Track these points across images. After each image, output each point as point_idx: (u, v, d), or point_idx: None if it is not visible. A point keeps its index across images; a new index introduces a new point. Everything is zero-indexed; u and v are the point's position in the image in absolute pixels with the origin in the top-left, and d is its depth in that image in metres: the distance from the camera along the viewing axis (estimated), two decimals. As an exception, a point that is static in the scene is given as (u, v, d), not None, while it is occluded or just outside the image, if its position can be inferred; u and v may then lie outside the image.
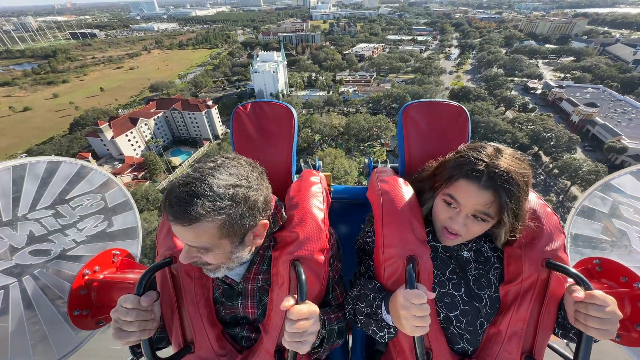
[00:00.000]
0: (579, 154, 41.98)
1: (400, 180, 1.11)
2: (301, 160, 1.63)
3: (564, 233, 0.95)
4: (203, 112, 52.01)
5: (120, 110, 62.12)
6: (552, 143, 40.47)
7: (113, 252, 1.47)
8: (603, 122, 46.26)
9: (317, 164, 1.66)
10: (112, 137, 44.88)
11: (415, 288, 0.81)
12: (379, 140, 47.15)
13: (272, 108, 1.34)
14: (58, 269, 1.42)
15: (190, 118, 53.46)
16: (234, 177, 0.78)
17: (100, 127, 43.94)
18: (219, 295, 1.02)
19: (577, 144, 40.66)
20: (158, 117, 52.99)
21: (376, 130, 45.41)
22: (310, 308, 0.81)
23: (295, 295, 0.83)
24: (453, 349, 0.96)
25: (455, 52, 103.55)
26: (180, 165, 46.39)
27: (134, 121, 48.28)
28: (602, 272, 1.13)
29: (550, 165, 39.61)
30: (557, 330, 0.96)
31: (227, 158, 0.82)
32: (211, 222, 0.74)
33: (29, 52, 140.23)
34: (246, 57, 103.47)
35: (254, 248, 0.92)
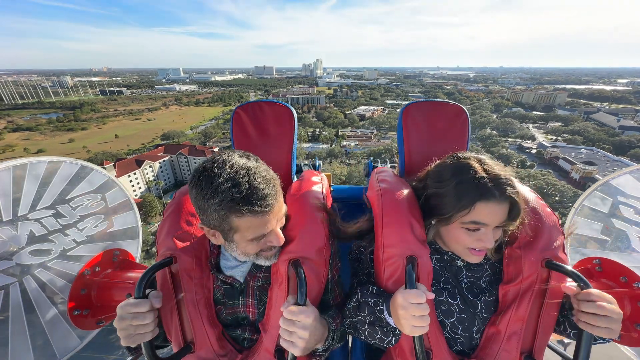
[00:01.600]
0: (587, 210, 40.90)
1: (400, 180, 1.11)
2: (301, 160, 1.60)
3: (563, 233, 0.96)
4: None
5: (129, 156, 64.11)
6: (557, 198, 39.82)
7: (113, 252, 1.43)
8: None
9: (317, 164, 1.61)
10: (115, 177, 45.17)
11: (415, 288, 0.81)
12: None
13: (272, 108, 1.33)
14: (58, 269, 1.40)
15: (195, 162, 54.53)
16: (261, 163, 0.86)
17: (105, 166, 44.63)
18: (221, 296, 1.02)
19: (583, 200, 39.90)
20: (164, 161, 54.32)
21: (378, 179, 45.53)
22: (302, 311, 0.81)
23: (296, 295, 0.85)
24: (451, 349, 0.96)
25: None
26: (177, 208, 45.26)
27: (139, 163, 49.29)
28: (602, 272, 1.13)
29: (559, 222, 38.20)
30: (556, 328, 0.95)
31: (234, 155, 0.83)
32: (281, 197, 0.89)
33: (58, 104, 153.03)
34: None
35: None
